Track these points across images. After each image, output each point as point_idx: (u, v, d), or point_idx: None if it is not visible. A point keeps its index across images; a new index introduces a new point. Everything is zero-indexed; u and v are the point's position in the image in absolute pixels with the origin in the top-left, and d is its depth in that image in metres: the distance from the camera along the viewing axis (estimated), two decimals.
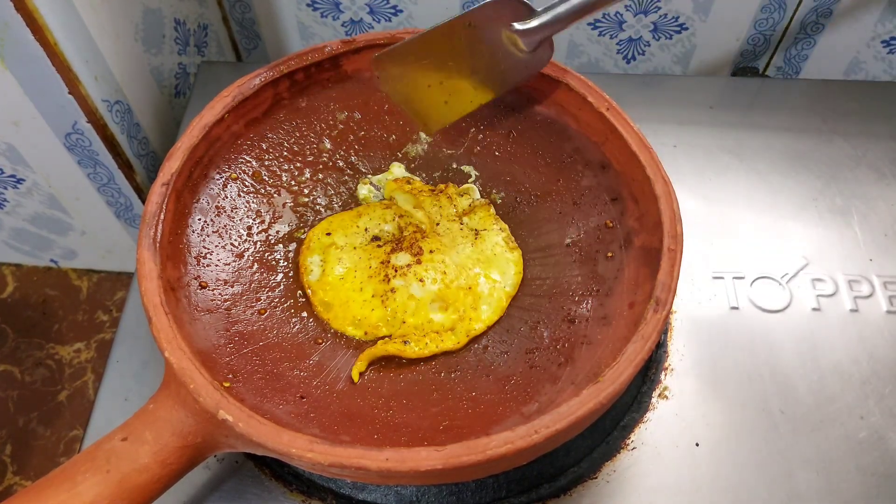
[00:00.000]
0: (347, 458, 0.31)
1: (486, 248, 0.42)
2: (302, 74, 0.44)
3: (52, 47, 0.42)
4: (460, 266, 0.41)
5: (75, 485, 0.31)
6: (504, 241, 0.43)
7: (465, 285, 0.41)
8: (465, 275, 0.41)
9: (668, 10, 0.54)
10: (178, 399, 0.33)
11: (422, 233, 0.42)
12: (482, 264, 0.42)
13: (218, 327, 0.38)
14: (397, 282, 0.40)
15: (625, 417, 0.41)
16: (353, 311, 0.41)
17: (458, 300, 0.40)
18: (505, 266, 0.42)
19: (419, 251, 0.41)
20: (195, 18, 0.58)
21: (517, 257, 0.42)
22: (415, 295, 0.40)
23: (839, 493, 0.39)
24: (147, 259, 0.36)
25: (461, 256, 0.42)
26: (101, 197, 0.55)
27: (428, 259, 0.41)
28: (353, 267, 0.42)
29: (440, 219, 0.43)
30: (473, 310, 0.40)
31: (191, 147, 0.40)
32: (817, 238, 0.48)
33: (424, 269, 0.41)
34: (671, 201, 0.38)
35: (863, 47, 0.57)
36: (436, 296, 0.40)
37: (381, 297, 0.40)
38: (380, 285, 0.41)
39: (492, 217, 0.44)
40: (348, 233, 0.43)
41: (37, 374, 0.61)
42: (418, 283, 0.40)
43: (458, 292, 0.40)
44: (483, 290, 0.41)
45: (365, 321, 0.40)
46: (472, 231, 0.43)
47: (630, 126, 0.40)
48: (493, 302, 0.41)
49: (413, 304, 0.40)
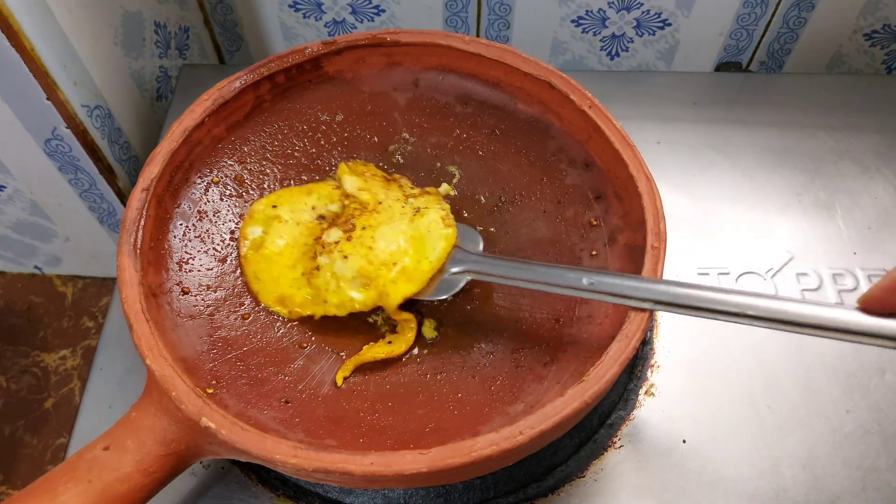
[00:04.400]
0: (332, 463, 0.30)
1: (421, 224, 0.41)
2: (283, 76, 0.44)
3: (28, 53, 0.42)
4: (389, 242, 0.40)
5: (56, 496, 0.30)
6: (441, 219, 0.41)
7: (389, 261, 0.39)
8: (394, 251, 0.40)
9: (651, 5, 0.54)
10: (160, 407, 0.33)
11: (362, 210, 0.41)
12: (414, 241, 0.40)
13: (201, 333, 0.38)
14: (322, 259, 0.40)
15: (612, 415, 0.41)
16: (281, 287, 0.40)
17: (379, 276, 0.39)
18: (436, 242, 0.40)
19: (352, 228, 0.40)
20: (176, 21, 0.57)
21: (451, 234, 0.41)
22: (337, 272, 0.39)
23: (826, 487, 0.39)
24: (128, 265, 0.36)
25: (394, 233, 0.40)
26: (84, 203, 0.55)
27: (358, 235, 0.40)
28: (292, 243, 0.41)
29: (384, 198, 0.42)
30: (392, 284, 0.39)
31: (171, 151, 0.40)
32: (801, 232, 0.48)
33: (352, 246, 0.40)
34: (654, 199, 0.38)
35: (845, 41, 0.57)
36: (357, 273, 0.39)
37: (307, 276, 0.40)
38: (309, 262, 0.40)
39: (437, 198, 0.43)
40: (295, 208, 0.42)
41: (22, 382, 0.61)
42: (342, 261, 0.39)
43: (380, 268, 0.39)
44: (406, 267, 0.40)
45: (290, 300, 0.40)
46: (414, 209, 0.42)
47: (613, 124, 0.40)
48: (415, 276, 0.39)
49: (335, 283, 0.39)
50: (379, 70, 0.46)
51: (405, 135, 0.47)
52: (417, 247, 0.40)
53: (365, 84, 0.46)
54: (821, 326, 0.31)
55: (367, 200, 0.42)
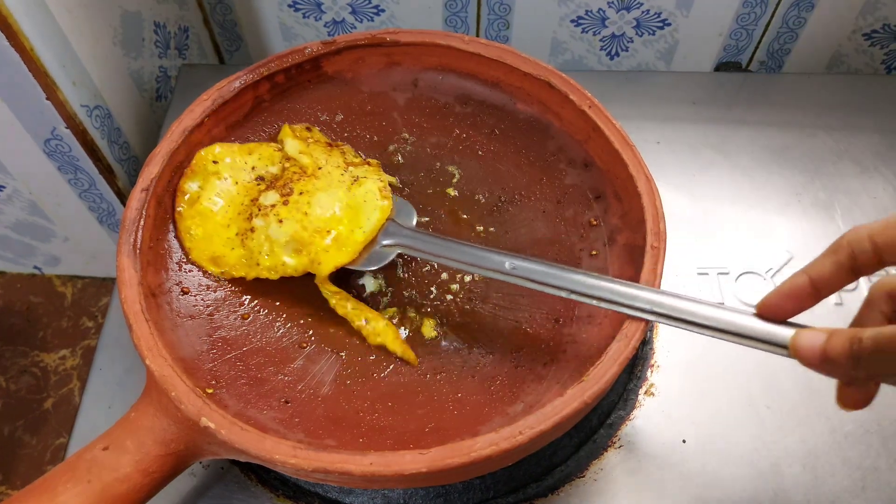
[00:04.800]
0: (331, 464, 0.30)
1: (358, 194, 0.41)
2: (282, 76, 0.44)
3: (27, 53, 0.42)
4: (325, 208, 0.40)
5: (56, 496, 0.30)
6: (378, 190, 0.41)
7: (323, 228, 0.39)
8: (328, 218, 0.40)
9: (650, 5, 0.54)
10: (159, 407, 0.33)
11: (301, 174, 0.41)
12: (349, 210, 0.40)
13: (201, 333, 0.38)
14: (257, 221, 0.40)
15: (611, 415, 0.41)
16: (214, 246, 0.40)
17: (312, 243, 0.39)
18: (370, 213, 0.40)
19: (289, 192, 0.40)
20: (175, 21, 0.57)
21: (386, 206, 0.41)
22: (271, 236, 0.39)
23: (826, 486, 0.39)
24: (127, 266, 0.36)
25: (330, 200, 0.40)
26: (83, 203, 0.55)
27: (295, 200, 0.40)
28: (228, 202, 0.41)
29: (325, 164, 0.42)
30: (325, 252, 0.39)
31: (170, 152, 0.40)
32: (801, 232, 0.48)
33: (287, 211, 0.40)
34: (654, 198, 0.38)
35: (844, 40, 0.57)
36: (291, 237, 0.39)
37: (241, 237, 0.40)
38: (244, 223, 0.40)
39: (377, 170, 0.43)
40: (235, 166, 0.42)
41: (22, 382, 0.61)
42: (277, 224, 0.39)
43: (314, 234, 0.39)
44: (340, 235, 0.40)
45: (223, 260, 0.40)
46: (353, 178, 0.42)
47: (612, 124, 0.40)
48: (348, 245, 0.40)
49: (268, 246, 0.39)
50: (378, 70, 0.46)
51: (405, 135, 0.47)
52: (352, 216, 0.40)
53: (364, 84, 0.46)
54: (718, 329, 0.32)
55: (306, 164, 0.42)
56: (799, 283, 0.30)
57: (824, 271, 0.30)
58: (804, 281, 0.30)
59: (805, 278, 0.30)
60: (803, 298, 0.30)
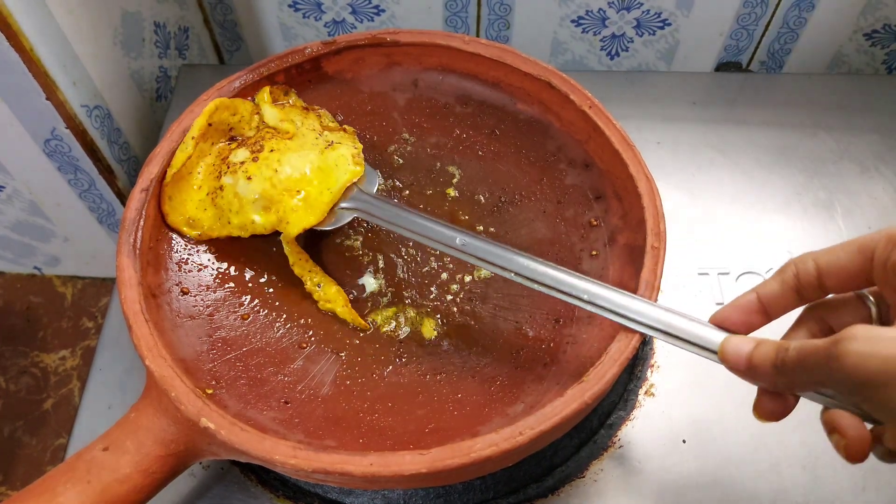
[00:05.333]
0: (331, 464, 0.30)
1: (330, 158, 0.41)
2: (282, 76, 0.44)
3: (27, 53, 0.42)
4: (296, 168, 0.40)
5: (55, 496, 0.30)
6: (351, 156, 0.41)
7: (293, 187, 0.39)
8: (298, 178, 0.40)
9: (650, 5, 0.54)
10: (159, 407, 0.33)
11: (273, 134, 0.41)
12: (320, 172, 0.40)
13: (200, 333, 0.38)
14: (226, 179, 0.39)
15: (611, 416, 0.41)
16: (188, 209, 0.40)
17: (281, 201, 0.39)
18: (340, 176, 0.40)
19: (259, 149, 0.40)
20: (176, 21, 0.57)
21: (357, 171, 0.41)
22: (240, 193, 0.39)
23: (825, 487, 0.39)
24: (127, 266, 0.36)
25: (301, 161, 0.40)
26: (83, 203, 0.55)
27: (265, 157, 0.40)
28: (200, 163, 0.41)
29: (300, 127, 0.42)
30: (293, 212, 0.39)
31: (170, 152, 0.40)
32: (801, 232, 0.48)
33: (257, 167, 0.39)
34: (654, 199, 0.38)
35: (845, 41, 0.57)
36: (260, 195, 0.39)
37: (212, 196, 0.40)
38: (214, 182, 0.40)
39: (352, 137, 0.43)
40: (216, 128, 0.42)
41: (21, 383, 0.61)
42: (245, 181, 0.39)
43: (283, 193, 0.39)
44: (309, 196, 0.40)
45: (198, 222, 0.40)
46: (327, 142, 0.41)
47: (613, 124, 0.40)
48: (316, 206, 0.40)
49: (237, 203, 0.39)
50: (378, 70, 0.46)
51: (405, 135, 0.47)
52: (322, 178, 0.40)
53: (364, 84, 0.46)
54: (653, 328, 0.33)
55: (285, 129, 0.42)
56: (748, 299, 0.31)
57: (772, 291, 0.30)
58: (753, 298, 0.31)
59: (754, 296, 0.31)
60: (751, 315, 0.31)
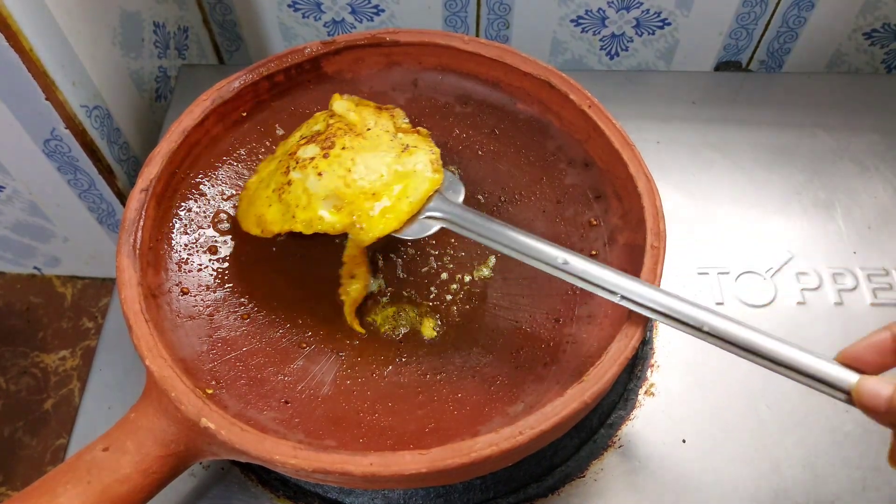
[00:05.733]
0: (331, 464, 0.30)
1: (408, 163, 0.39)
2: (282, 76, 0.44)
3: (27, 53, 0.42)
4: (371, 170, 0.38)
5: (56, 497, 0.30)
6: (430, 162, 0.39)
7: (369, 190, 0.38)
8: (374, 180, 0.38)
9: (650, 5, 0.54)
10: (159, 407, 0.33)
11: (346, 131, 0.40)
12: (398, 176, 0.39)
13: (200, 333, 0.38)
14: (295, 174, 0.38)
15: (612, 415, 0.41)
16: (256, 207, 0.39)
17: (355, 203, 0.38)
18: (419, 184, 0.39)
19: (331, 145, 0.39)
20: (175, 21, 0.57)
21: (437, 179, 0.39)
22: (309, 189, 0.38)
23: (826, 486, 0.39)
24: (127, 266, 0.36)
25: (377, 162, 0.39)
26: (83, 203, 0.55)
27: (336, 154, 0.38)
28: (272, 167, 0.40)
29: (373, 126, 0.41)
30: (369, 217, 0.38)
31: (170, 152, 0.40)
32: (801, 232, 0.48)
33: (328, 164, 0.38)
34: (654, 198, 0.38)
35: (844, 40, 0.57)
36: (331, 193, 0.38)
37: (279, 192, 0.39)
38: (281, 177, 0.39)
39: (427, 141, 0.41)
40: (287, 145, 0.42)
41: (21, 383, 0.61)
42: (316, 178, 0.38)
43: (358, 195, 0.38)
44: (389, 201, 0.38)
45: (263, 219, 0.39)
46: (403, 145, 0.40)
47: (612, 123, 0.40)
48: (395, 214, 0.38)
49: (305, 198, 0.38)
50: (378, 70, 0.46)
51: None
52: (400, 183, 0.38)
53: (364, 84, 0.46)
54: (778, 363, 0.31)
55: (354, 122, 0.40)
56: (881, 338, 0.30)
57: None
58: (887, 337, 0.30)
59: (888, 334, 0.30)
60: (885, 354, 0.30)
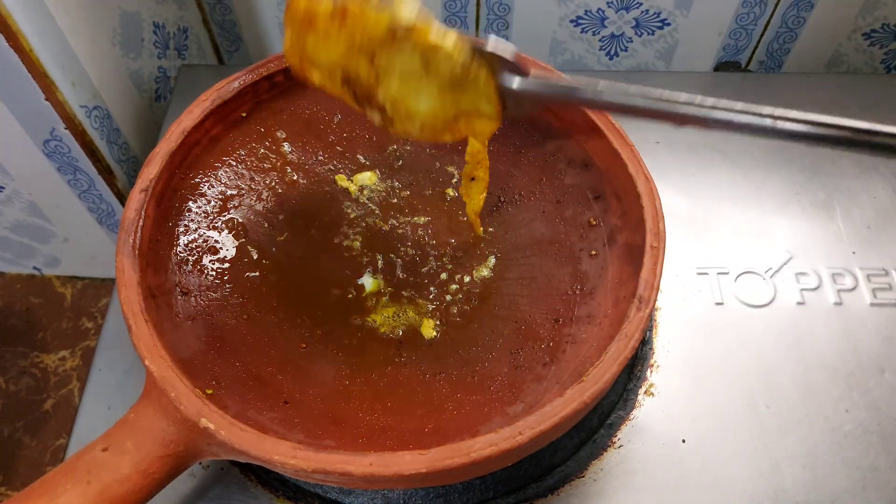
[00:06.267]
0: (331, 464, 0.30)
1: (438, 68, 0.34)
2: (282, 76, 0.44)
3: (27, 53, 0.42)
4: (424, 105, 0.35)
5: (55, 497, 0.30)
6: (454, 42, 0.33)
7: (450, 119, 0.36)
8: (436, 112, 0.35)
9: (650, 5, 0.54)
10: (159, 408, 0.33)
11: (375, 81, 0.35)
12: (446, 93, 0.35)
13: (201, 334, 0.38)
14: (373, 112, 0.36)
15: (611, 415, 0.41)
16: (319, 66, 0.35)
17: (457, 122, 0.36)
18: (470, 87, 0.34)
19: (382, 109, 0.35)
20: (175, 21, 0.57)
21: (456, 50, 0.33)
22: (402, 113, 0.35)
23: (825, 486, 0.39)
24: (126, 266, 0.36)
25: (420, 95, 0.35)
26: (83, 203, 0.55)
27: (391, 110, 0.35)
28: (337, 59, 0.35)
29: (378, 56, 0.34)
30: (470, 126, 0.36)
31: (169, 152, 0.40)
32: (800, 232, 0.48)
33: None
34: (653, 198, 0.38)
35: (844, 40, 0.57)
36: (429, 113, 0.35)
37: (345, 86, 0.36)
38: (342, 87, 0.36)
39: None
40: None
41: (21, 383, 0.61)
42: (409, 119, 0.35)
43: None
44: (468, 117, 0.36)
45: (321, 77, 0.36)
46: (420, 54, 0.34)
47: (612, 124, 0.40)
48: (483, 119, 0.36)
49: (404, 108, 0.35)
50: None
51: None
52: (456, 97, 0.35)
53: None
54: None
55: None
56: None
57: None
58: None
59: None
60: None
